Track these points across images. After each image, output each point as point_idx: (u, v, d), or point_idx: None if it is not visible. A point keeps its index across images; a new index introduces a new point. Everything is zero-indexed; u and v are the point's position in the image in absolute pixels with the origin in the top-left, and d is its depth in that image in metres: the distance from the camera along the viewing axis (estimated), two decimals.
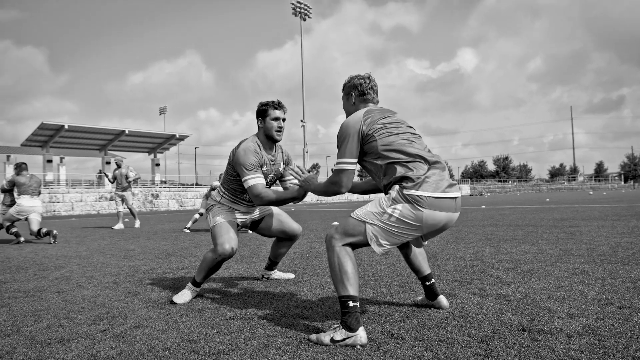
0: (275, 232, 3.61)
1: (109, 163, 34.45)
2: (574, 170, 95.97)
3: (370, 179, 2.73)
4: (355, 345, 2.08)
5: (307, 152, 42.53)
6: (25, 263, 5.20)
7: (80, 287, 3.67)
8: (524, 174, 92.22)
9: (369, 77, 2.58)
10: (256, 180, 3.05)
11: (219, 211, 3.30)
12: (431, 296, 2.68)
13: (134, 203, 13.39)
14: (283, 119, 3.19)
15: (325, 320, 2.53)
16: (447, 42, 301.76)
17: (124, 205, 11.20)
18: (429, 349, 2.02)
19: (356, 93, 2.57)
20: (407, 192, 2.20)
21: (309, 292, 3.25)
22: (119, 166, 11.11)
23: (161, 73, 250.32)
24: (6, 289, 3.69)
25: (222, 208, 3.32)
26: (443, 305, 2.66)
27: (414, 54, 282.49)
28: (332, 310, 2.75)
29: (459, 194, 2.31)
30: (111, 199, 25.28)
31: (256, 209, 3.50)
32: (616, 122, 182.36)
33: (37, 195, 8.05)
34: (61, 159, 39.86)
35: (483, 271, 3.79)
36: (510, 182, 79.47)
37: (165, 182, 39.68)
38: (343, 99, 2.66)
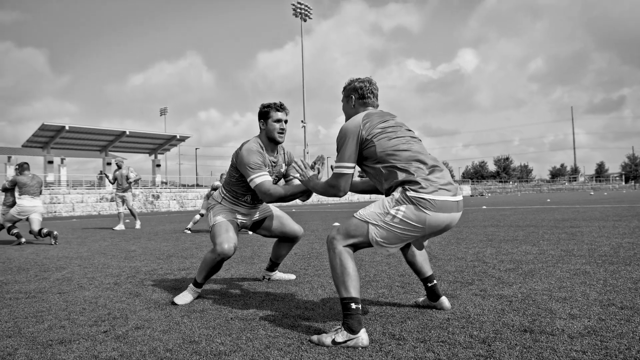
0: (276, 234, 3.61)
1: (109, 164, 34.43)
2: (575, 170, 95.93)
3: (369, 179, 2.72)
4: (357, 347, 2.08)
5: (308, 153, 42.57)
6: (26, 264, 5.21)
7: (82, 288, 3.67)
8: (524, 174, 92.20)
9: (370, 81, 2.58)
10: (263, 177, 3.02)
11: (219, 211, 3.30)
12: (433, 297, 2.69)
13: (135, 204, 13.38)
14: (285, 121, 3.18)
15: (327, 321, 2.53)
16: (448, 43, 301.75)
17: (125, 206, 11.21)
18: (431, 350, 2.02)
19: (356, 96, 2.57)
20: (411, 194, 2.20)
21: (310, 293, 3.25)
22: (119, 167, 11.11)
23: (162, 74, 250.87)
24: (7, 290, 3.70)
25: (223, 208, 3.32)
26: (445, 307, 2.66)
27: (415, 55, 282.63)
28: (334, 311, 2.75)
29: (460, 197, 2.32)
30: (112, 200, 25.28)
31: (257, 211, 3.49)
32: (617, 123, 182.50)
33: (38, 195, 8.06)
34: (62, 160, 39.89)
35: (484, 272, 3.79)
36: (511, 183, 79.48)
37: (166, 183, 39.72)
38: (343, 101, 2.66)
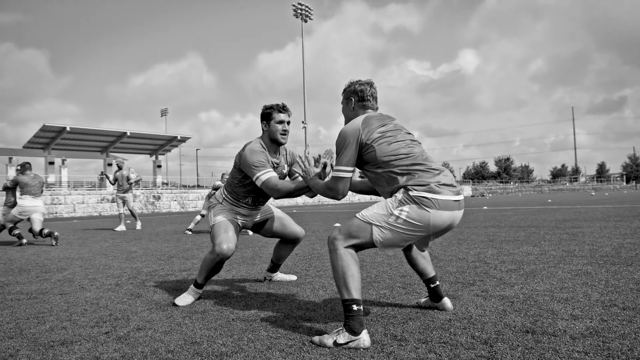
0: (277, 235, 3.61)
1: (110, 165, 34.46)
2: (576, 171, 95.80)
3: (367, 180, 2.72)
4: (359, 348, 2.08)
5: (309, 154, 42.47)
6: (27, 265, 5.21)
7: (83, 289, 3.67)
8: (525, 174, 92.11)
9: (370, 84, 2.58)
10: (268, 174, 3.00)
11: (219, 210, 3.30)
12: (435, 298, 2.68)
13: (136, 205, 13.38)
14: (287, 122, 3.18)
15: (328, 322, 2.53)
16: (448, 44, 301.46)
17: (126, 207, 11.22)
18: (433, 351, 2.01)
19: (356, 98, 2.57)
20: (413, 193, 2.21)
21: (312, 294, 3.25)
22: (120, 168, 11.12)
23: (162, 75, 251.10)
24: (9, 291, 3.70)
25: (224, 208, 3.32)
26: (447, 308, 2.66)
27: (415, 55, 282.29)
28: (335, 312, 2.75)
29: (461, 197, 2.32)
30: (113, 201, 25.28)
31: (258, 212, 3.49)
32: (618, 123, 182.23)
33: (40, 195, 8.07)
34: (63, 161, 39.96)
35: (486, 272, 3.78)
36: (512, 183, 79.33)
37: (166, 184, 39.74)
38: (342, 103, 2.65)
